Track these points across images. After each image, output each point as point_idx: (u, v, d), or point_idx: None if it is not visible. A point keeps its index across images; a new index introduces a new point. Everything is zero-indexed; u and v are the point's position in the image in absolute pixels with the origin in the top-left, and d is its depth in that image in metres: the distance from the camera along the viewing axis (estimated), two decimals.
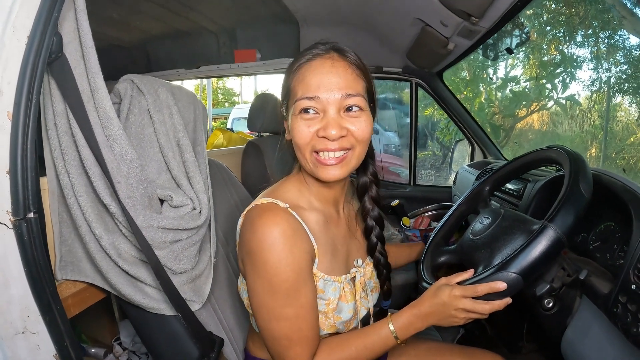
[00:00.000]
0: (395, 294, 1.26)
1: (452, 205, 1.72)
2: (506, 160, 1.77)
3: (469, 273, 0.72)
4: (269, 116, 1.45)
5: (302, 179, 0.75)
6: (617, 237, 0.80)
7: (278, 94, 0.79)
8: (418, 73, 1.93)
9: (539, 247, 0.65)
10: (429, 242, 0.99)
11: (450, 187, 1.99)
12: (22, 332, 0.56)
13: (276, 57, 2.11)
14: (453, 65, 1.71)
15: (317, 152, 0.67)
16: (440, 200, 1.77)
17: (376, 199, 0.82)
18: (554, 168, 1.15)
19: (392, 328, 0.69)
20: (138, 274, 0.71)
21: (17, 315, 0.56)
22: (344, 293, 0.74)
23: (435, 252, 0.95)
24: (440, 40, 1.40)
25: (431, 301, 0.69)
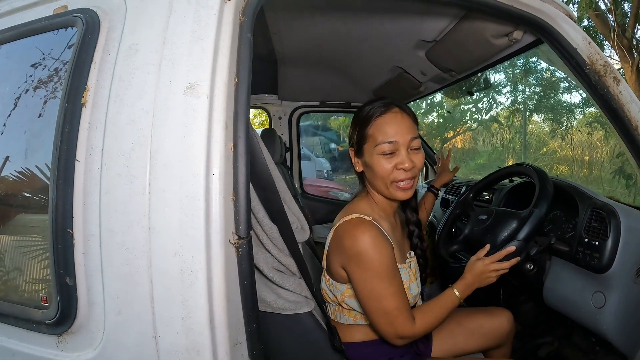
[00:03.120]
0: None
1: None
2: (455, 177, 2.27)
3: (487, 248, 1.02)
4: (277, 150, 1.60)
5: (370, 198, 0.99)
6: (564, 219, 1.25)
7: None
8: None
9: (531, 222, 1.03)
10: (437, 238, 1.34)
11: None
12: (237, 344, 0.61)
13: (255, 93, 2.23)
14: (414, 101, 2.13)
15: (395, 182, 0.91)
16: None
17: (415, 209, 1.09)
18: (508, 180, 1.61)
19: (457, 293, 0.95)
20: (282, 282, 0.80)
21: (235, 327, 0.60)
22: (410, 276, 0.98)
23: (446, 244, 1.31)
24: (413, 84, 1.75)
25: (472, 273, 0.97)
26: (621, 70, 4.41)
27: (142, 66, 0.62)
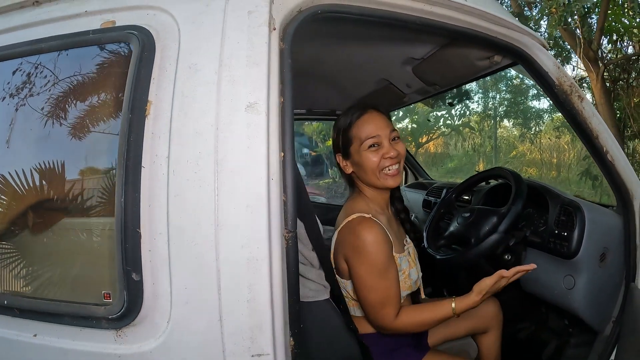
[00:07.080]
0: None
1: None
2: (433, 180, 2.46)
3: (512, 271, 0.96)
4: None
5: (364, 196, 1.09)
6: (536, 216, 1.44)
7: None
8: None
9: (510, 217, 1.21)
10: (425, 235, 1.49)
11: None
12: (286, 322, 0.70)
13: None
14: (396, 110, 2.30)
15: (383, 170, 1.02)
16: None
17: (400, 199, 1.22)
18: (484, 183, 1.80)
19: (453, 305, 0.96)
20: (304, 273, 0.90)
21: (285, 308, 0.70)
22: (409, 262, 1.09)
23: (434, 239, 1.48)
24: (398, 95, 1.90)
25: (479, 292, 0.95)
26: (587, 79, 4.68)
27: (203, 84, 0.70)
